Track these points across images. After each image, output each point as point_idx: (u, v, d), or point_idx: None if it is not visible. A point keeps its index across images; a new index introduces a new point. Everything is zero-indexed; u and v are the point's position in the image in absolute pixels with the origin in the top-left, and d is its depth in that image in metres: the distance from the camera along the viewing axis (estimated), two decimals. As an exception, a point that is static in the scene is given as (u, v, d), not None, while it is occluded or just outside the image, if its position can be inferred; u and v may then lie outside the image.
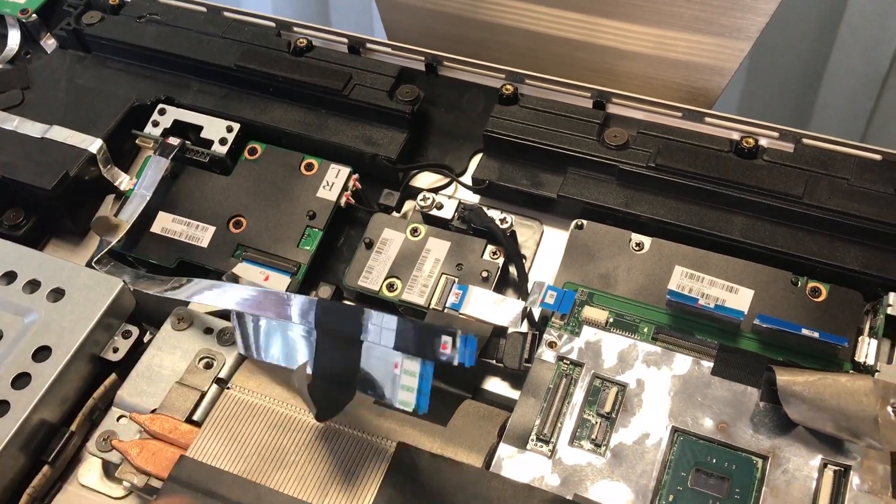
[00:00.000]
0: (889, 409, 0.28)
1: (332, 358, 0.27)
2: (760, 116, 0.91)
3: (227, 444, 0.29)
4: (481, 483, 0.27)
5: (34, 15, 0.43)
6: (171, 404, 0.31)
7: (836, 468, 0.27)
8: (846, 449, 0.27)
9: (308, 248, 0.36)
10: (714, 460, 0.27)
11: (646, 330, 0.31)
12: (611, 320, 0.31)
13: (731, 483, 0.27)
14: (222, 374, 0.32)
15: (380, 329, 0.26)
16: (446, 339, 0.25)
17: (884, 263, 0.31)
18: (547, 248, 0.35)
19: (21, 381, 0.32)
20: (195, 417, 0.31)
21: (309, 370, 0.28)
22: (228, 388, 0.31)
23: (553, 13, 0.37)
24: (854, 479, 0.27)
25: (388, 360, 0.26)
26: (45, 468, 0.32)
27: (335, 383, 0.27)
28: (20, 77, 0.42)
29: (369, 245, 0.35)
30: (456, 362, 0.25)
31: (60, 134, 0.39)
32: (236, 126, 0.39)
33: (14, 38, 0.43)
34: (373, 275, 0.35)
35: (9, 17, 0.43)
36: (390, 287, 0.34)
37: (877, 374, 0.30)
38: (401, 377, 0.26)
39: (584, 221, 0.34)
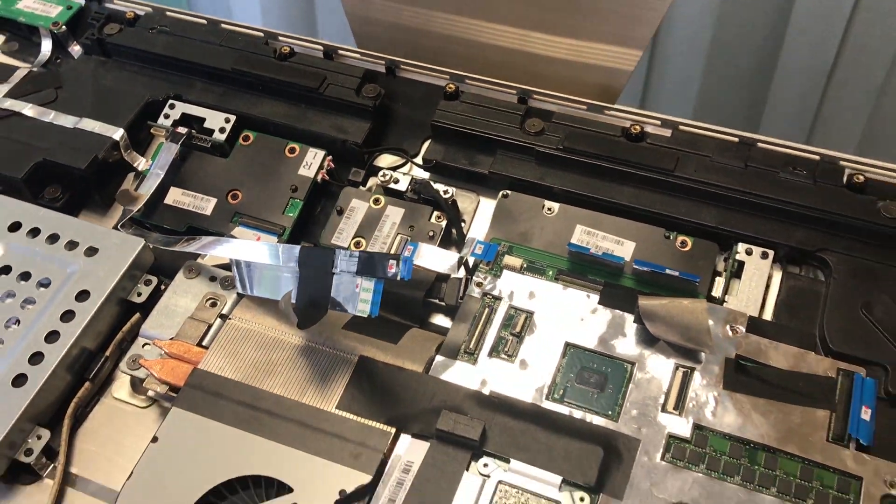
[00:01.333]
0: (728, 328, 0.37)
1: (310, 286, 0.36)
2: (715, 112, 1.02)
3: (229, 360, 0.38)
4: (422, 383, 0.36)
5: (63, 27, 0.52)
6: (185, 333, 0.40)
7: (685, 369, 0.36)
8: (692, 355, 0.36)
9: (291, 214, 0.45)
10: (595, 365, 0.37)
11: (550, 273, 0.40)
12: (524, 266, 0.40)
13: (607, 380, 0.36)
14: (224, 311, 0.41)
15: (346, 261, 0.35)
16: (392, 261, 0.35)
17: (735, 221, 0.40)
18: (481, 214, 0.44)
19: (67, 316, 0.41)
20: (204, 343, 0.40)
21: (292, 297, 0.37)
22: (229, 319, 0.40)
23: (489, 26, 0.45)
24: (696, 377, 0.36)
25: (351, 282, 0.35)
26: (87, 384, 0.40)
27: (312, 303, 0.36)
28: (53, 78, 0.51)
29: (340, 212, 0.44)
30: (399, 277, 0.34)
31: (89, 125, 0.48)
32: (233, 118, 0.47)
33: (47, 46, 0.52)
34: (343, 235, 0.43)
35: (42, 28, 0.52)
36: (357, 245, 0.43)
37: (724, 303, 0.39)
38: (360, 293, 0.35)
39: (509, 192, 0.43)
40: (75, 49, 0.52)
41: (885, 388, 0.35)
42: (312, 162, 0.46)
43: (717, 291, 0.39)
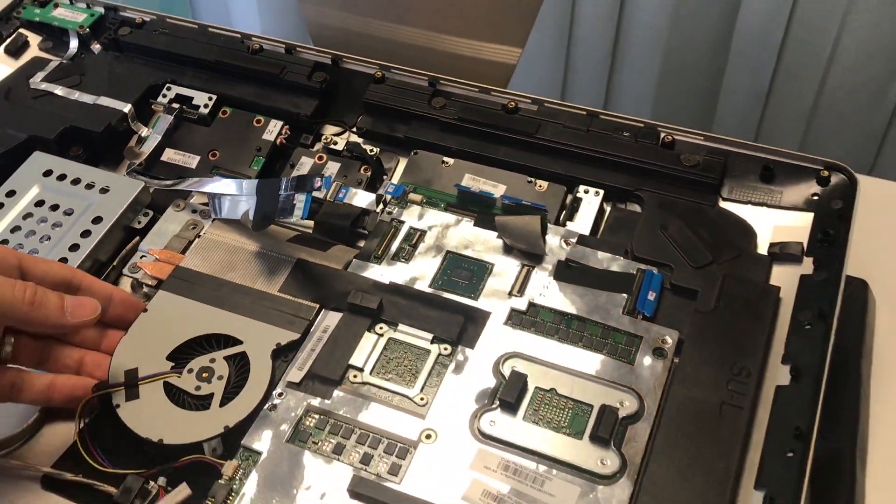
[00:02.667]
0: (562, 241, 0.51)
1: (263, 203, 0.51)
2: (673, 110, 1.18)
3: (202, 261, 0.52)
4: (340, 276, 0.50)
5: (87, 29, 0.67)
6: (171, 246, 0.54)
7: (528, 267, 0.50)
8: (535, 258, 0.50)
9: (256, 168, 0.58)
10: (465, 265, 0.50)
11: (442, 206, 0.54)
12: (424, 200, 0.54)
13: (472, 275, 0.50)
14: (201, 233, 0.55)
15: (287, 183, 0.50)
16: (318, 179, 0.49)
17: (578, 170, 0.54)
18: (398, 169, 0.59)
19: (85, 234, 0.54)
20: (185, 254, 0.54)
21: (250, 213, 0.51)
22: (203, 234, 0.54)
23: (409, 29, 0.60)
24: (535, 272, 0.50)
25: (289, 196, 0.50)
26: (98, 284, 0.54)
27: (265, 215, 0.50)
28: (78, 68, 0.65)
29: (292, 166, 0.58)
30: (321, 193, 0.49)
31: (105, 101, 0.62)
32: (214, 97, 0.61)
33: (74, 44, 0.67)
34: (293, 182, 0.58)
35: (71, 30, 0.67)
36: (303, 190, 0.57)
37: (565, 226, 0.53)
38: (296, 204, 0.50)
39: (419, 151, 0.57)
40: (96, 47, 0.67)
41: (669, 282, 0.49)
42: (273, 130, 0.60)
43: (562, 219, 0.53)
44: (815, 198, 0.51)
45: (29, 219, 0.55)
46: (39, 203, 0.56)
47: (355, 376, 0.46)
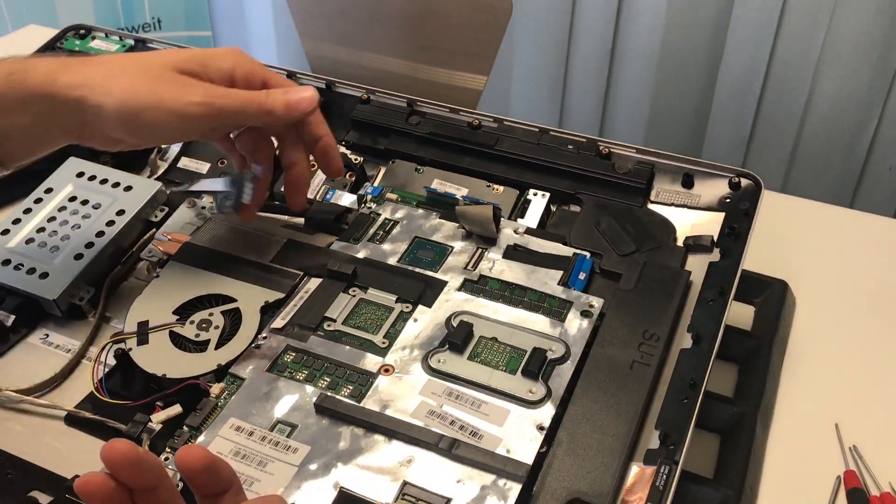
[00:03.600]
0: (513, 231, 0.60)
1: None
2: (664, 134, 1.30)
3: (206, 241, 0.61)
4: (323, 251, 0.59)
5: (119, 57, 0.78)
6: (183, 231, 0.64)
7: (482, 248, 0.58)
8: (489, 242, 0.59)
9: (257, 174, 0.69)
10: (429, 247, 0.59)
11: (414, 203, 0.63)
12: (398, 199, 0.64)
13: (435, 255, 0.58)
14: (207, 218, 0.64)
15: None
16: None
17: (529, 176, 0.63)
18: (379, 176, 0.68)
19: (109, 224, 0.64)
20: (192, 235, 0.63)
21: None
22: (209, 220, 0.63)
23: (391, 59, 0.70)
24: (489, 253, 0.58)
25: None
26: (118, 266, 0.63)
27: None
28: (110, 89, 0.76)
29: (288, 172, 0.68)
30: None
31: (131, 117, 0.73)
32: (225, 115, 0.72)
33: (107, 69, 0.78)
34: (289, 186, 0.67)
35: (105, 58, 0.78)
36: (297, 192, 0.67)
37: (516, 221, 0.62)
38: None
39: (396, 160, 0.67)
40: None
41: (599, 267, 0.58)
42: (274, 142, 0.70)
43: (514, 217, 0.62)
44: (727, 200, 0.60)
45: (63, 211, 0.65)
46: (72, 198, 0.66)
47: (329, 325, 0.54)
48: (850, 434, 0.58)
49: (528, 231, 0.60)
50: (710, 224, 0.60)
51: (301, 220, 0.64)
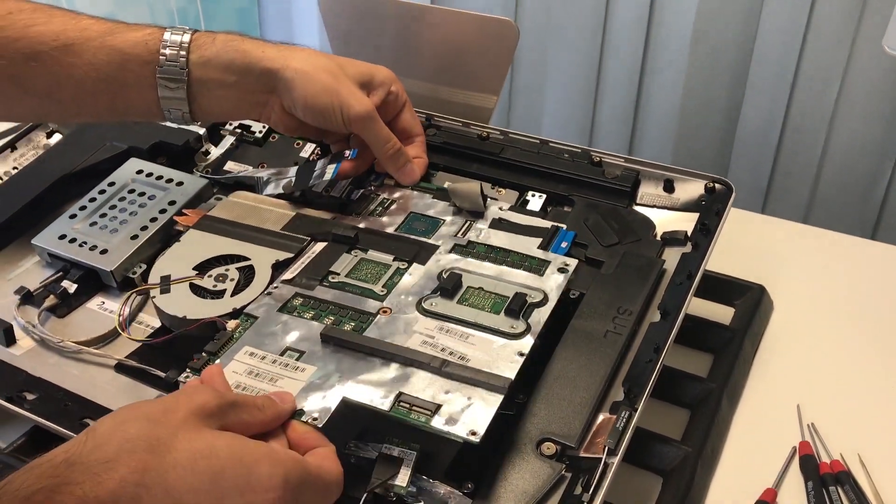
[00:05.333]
0: (499, 208, 0.67)
1: (301, 175, 0.71)
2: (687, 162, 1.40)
3: (224, 214, 0.69)
4: (330, 221, 0.68)
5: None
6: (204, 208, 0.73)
7: (471, 221, 0.65)
8: (478, 215, 0.66)
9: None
10: (423, 220, 0.66)
11: (411, 188, 0.71)
12: (395, 183, 0.71)
13: (428, 226, 0.65)
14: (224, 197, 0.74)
15: (323, 160, 0.70)
16: (347, 151, 0.69)
17: (528, 181, 0.71)
18: (398, 180, 0.77)
19: (162, 211, 0.72)
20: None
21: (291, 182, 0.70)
22: (227, 198, 0.72)
23: (414, 81, 0.79)
24: (477, 224, 0.65)
25: (324, 165, 0.69)
26: (167, 248, 0.73)
27: (301, 181, 0.70)
28: (169, 104, 0.87)
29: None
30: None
31: (186, 128, 0.83)
32: (267, 126, 0.82)
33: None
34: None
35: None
36: (326, 192, 0.76)
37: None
38: (326, 171, 0.69)
39: (414, 166, 0.76)
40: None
41: (584, 255, 0.65)
42: (308, 149, 0.80)
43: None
44: (702, 202, 0.68)
45: (122, 201, 0.75)
46: (131, 191, 0.76)
47: (333, 277, 0.61)
48: (809, 415, 0.64)
49: (511, 208, 0.68)
50: (685, 222, 0.67)
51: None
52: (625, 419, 0.52)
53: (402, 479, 0.51)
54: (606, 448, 0.51)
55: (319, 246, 0.65)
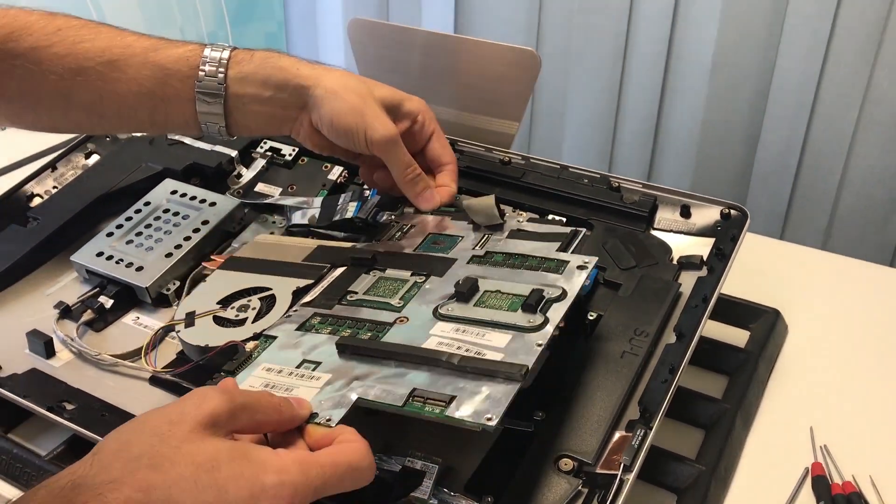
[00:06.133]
0: (516, 219, 0.69)
1: (325, 209, 0.73)
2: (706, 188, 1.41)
3: (251, 253, 0.72)
4: (348, 249, 0.70)
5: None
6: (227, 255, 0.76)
7: (487, 234, 0.66)
8: (496, 228, 0.67)
9: (321, 197, 0.81)
10: (441, 239, 0.66)
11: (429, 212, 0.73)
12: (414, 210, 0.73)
13: (446, 243, 0.66)
14: (251, 240, 0.76)
15: (346, 196, 0.73)
16: (367, 190, 0.72)
17: (548, 205, 0.73)
18: (422, 203, 0.79)
19: (195, 231, 0.75)
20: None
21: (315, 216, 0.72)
22: (253, 241, 0.75)
23: (439, 108, 0.82)
24: (493, 236, 0.66)
25: (346, 201, 0.72)
26: (199, 265, 0.76)
27: (325, 216, 0.72)
28: (202, 127, 0.90)
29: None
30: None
31: (219, 148, 0.85)
32: (297, 150, 0.84)
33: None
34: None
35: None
36: (352, 214, 0.79)
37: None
38: (349, 207, 0.72)
39: (437, 190, 0.78)
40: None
41: (602, 278, 0.67)
42: (336, 172, 0.82)
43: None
44: (718, 227, 0.69)
45: (157, 220, 0.78)
46: (166, 210, 0.79)
47: (351, 296, 0.62)
48: (822, 437, 0.65)
49: (531, 219, 0.69)
50: (702, 247, 0.69)
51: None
52: (640, 437, 0.54)
53: (424, 491, 0.53)
54: (622, 465, 0.53)
55: (339, 271, 0.66)
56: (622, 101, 1.63)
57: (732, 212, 0.70)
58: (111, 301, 0.71)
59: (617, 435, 0.56)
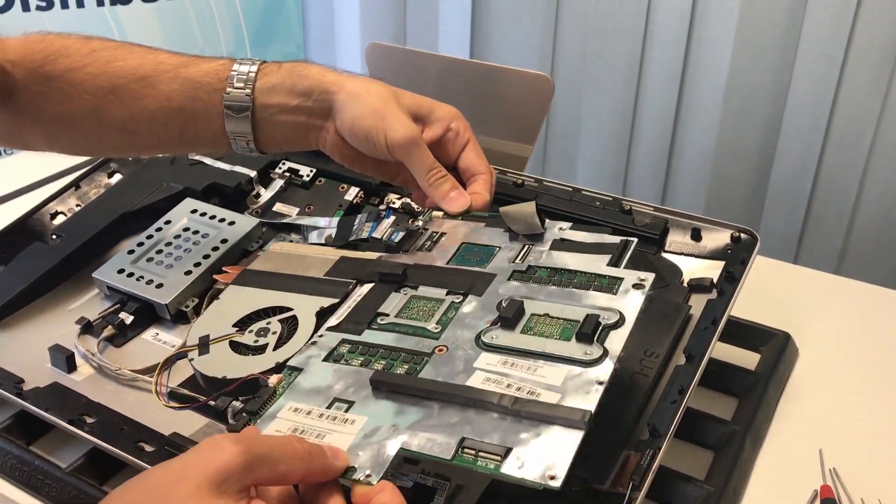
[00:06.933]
0: (557, 228, 0.65)
1: (342, 229, 0.74)
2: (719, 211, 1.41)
3: (266, 265, 0.72)
4: (375, 262, 0.71)
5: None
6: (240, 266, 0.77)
7: (529, 244, 0.62)
8: (533, 238, 0.65)
9: (337, 217, 0.82)
10: (476, 249, 0.63)
11: (459, 217, 0.74)
12: (444, 215, 0.71)
13: (484, 255, 0.62)
14: (265, 247, 0.78)
15: (362, 216, 0.73)
16: (383, 211, 0.73)
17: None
18: (437, 223, 0.81)
19: (214, 249, 0.76)
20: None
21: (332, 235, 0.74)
22: (267, 248, 0.76)
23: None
24: (535, 247, 0.62)
25: (361, 222, 0.73)
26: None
27: (341, 236, 0.73)
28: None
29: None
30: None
31: (239, 168, 0.87)
32: (314, 170, 0.86)
33: (221, 132, 0.94)
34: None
35: (220, 122, 0.94)
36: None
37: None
38: (364, 227, 0.72)
39: (452, 211, 0.79)
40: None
41: (614, 299, 0.68)
42: (352, 193, 0.83)
43: (546, 259, 0.73)
44: (728, 251, 0.70)
45: (178, 238, 0.79)
46: (186, 229, 0.80)
47: (382, 319, 0.58)
48: (831, 460, 0.66)
49: (574, 227, 0.64)
50: (712, 270, 0.70)
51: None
52: (649, 456, 0.55)
53: (436, 508, 0.53)
54: (631, 484, 0.53)
55: (366, 288, 0.62)
56: (636, 124, 1.64)
57: (742, 235, 0.70)
58: (131, 317, 0.73)
59: (626, 455, 0.57)
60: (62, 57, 0.64)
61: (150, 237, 0.79)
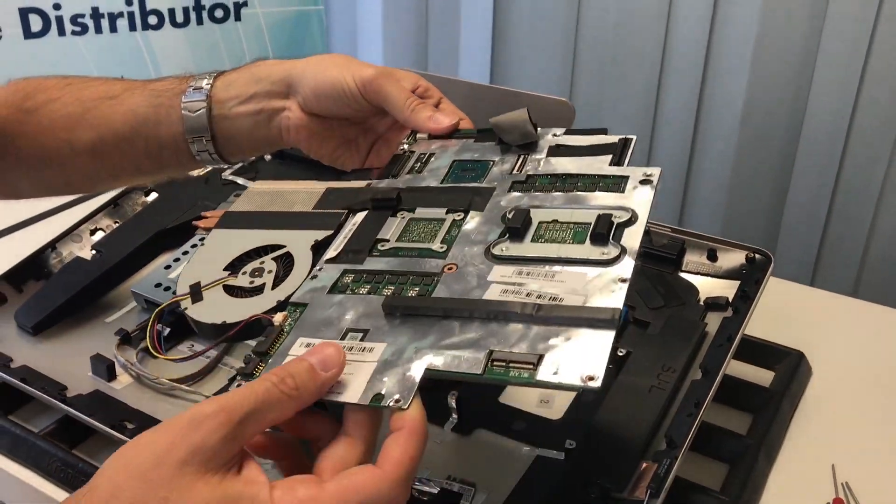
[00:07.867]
0: (551, 134, 0.61)
1: None
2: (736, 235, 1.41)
3: (247, 206, 0.68)
4: (365, 189, 0.57)
5: (263, 144, 0.98)
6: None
7: (524, 154, 0.59)
8: (528, 147, 0.59)
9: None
10: (470, 165, 0.59)
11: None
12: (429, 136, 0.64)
13: (478, 170, 0.59)
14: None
15: None
16: None
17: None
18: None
19: None
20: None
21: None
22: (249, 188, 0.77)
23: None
24: (531, 157, 0.58)
25: None
26: (251, 299, 0.80)
27: None
28: (254, 168, 0.95)
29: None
30: None
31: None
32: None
33: (253, 153, 0.98)
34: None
35: (252, 144, 0.98)
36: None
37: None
38: None
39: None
40: (267, 156, 0.97)
41: (632, 317, 0.71)
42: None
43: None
44: (743, 271, 0.73)
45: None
46: (220, 246, 0.83)
47: (382, 245, 0.54)
48: (844, 475, 0.68)
49: (568, 131, 0.60)
50: (727, 289, 0.72)
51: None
52: (666, 466, 0.57)
53: (462, 513, 0.55)
54: (649, 492, 0.56)
55: (359, 216, 0.58)
56: (654, 150, 1.67)
57: (757, 256, 0.73)
58: (167, 329, 0.76)
59: (644, 465, 0.59)
60: (39, 93, 0.66)
61: (185, 253, 0.83)
